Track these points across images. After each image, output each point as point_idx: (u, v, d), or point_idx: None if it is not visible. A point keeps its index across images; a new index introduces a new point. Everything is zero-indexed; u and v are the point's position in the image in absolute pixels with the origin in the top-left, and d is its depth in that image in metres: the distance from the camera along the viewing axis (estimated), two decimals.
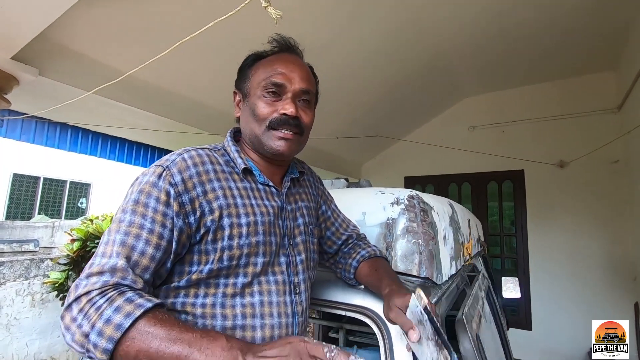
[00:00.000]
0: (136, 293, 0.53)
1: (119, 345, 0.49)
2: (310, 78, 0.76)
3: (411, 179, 4.60)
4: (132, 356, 0.49)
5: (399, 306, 0.62)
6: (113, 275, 0.54)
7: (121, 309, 0.50)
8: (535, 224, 3.77)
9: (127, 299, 0.51)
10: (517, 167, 3.86)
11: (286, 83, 0.71)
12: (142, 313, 0.50)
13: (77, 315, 0.51)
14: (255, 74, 0.74)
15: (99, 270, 0.54)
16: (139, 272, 0.57)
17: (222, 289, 0.64)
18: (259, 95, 0.71)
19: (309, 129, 0.76)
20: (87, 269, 0.55)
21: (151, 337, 0.49)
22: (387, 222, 0.90)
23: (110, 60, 1.93)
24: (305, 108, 0.75)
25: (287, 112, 0.70)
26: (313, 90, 0.76)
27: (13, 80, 1.63)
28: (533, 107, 3.84)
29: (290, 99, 0.71)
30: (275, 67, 0.72)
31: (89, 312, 0.50)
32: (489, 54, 3.24)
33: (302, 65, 0.76)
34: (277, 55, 0.76)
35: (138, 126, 2.83)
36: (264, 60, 0.75)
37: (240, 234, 0.64)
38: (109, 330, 0.49)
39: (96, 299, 0.51)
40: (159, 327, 0.50)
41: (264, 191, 0.73)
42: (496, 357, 0.99)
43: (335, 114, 3.46)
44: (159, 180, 0.62)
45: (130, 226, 0.58)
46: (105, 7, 1.65)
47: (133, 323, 0.49)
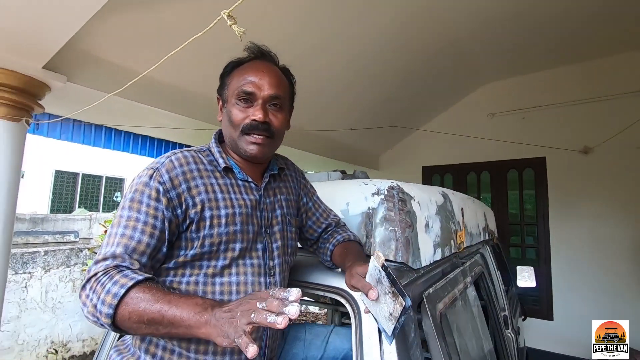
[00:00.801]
0: (132, 271, 0.65)
1: (117, 309, 0.60)
2: (280, 83, 0.83)
3: (429, 168, 4.57)
4: (127, 317, 0.60)
5: (360, 273, 0.69)
6: (114, 260, 0.66)
7: (118, 282, 0.62)
8: (557, 212, 3.66)
9: (123, 275, 0.63)
10: (539, 154, 3.75)
11: (256, 91, 0.79)
12: (134, 284, 0.61)
13: (88, 292, 0.64)
14: (231, 82, 0.82)
15: (104, 257, 0.66)
16: (136, 257, 0.68)
17: (205, 270, 0.75)
18: (233, 103, 0.80)
19: (280, 131, 0.84)
20: (96, 257, 0.68)
21: (139, 300, 0.60)
22: (367, 212, 0.97)
23: (130, 64, 2.08)
24: (276, 112, 0.82)
25: (256, 118, 0.78)
26: (283, 94, 0.83)
27: (45, 87, 1.80)
28: (555, 91, 3.70)
29: (260, 105, 0.79)
30: (246, 75, 0.80)
31: (96, 288, 0.63)
32: (507, 39, 3.14)
33: (272, 72, 0.83)
34: (250, 63, 0.84)
35: (161, 125, 3.01)
36: (238, 68, 0.84)
37: (219, 224, 0.75)
38: (109, 299, 0.60)
39: (101, 278, 0.64)
40: (146, 293, 0.61)
41: (243, 186, 0.82)
42: (473, 338, 1.04)
43: (350, 106, 3.50)
44: (150, 180, 0.72)
45: (128, 220, 0.70)
46: (122, 15, 1.79)
47: (127, 292, 0.61)
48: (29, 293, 3.22)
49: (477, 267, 1.36)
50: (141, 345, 0.75)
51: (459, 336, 0.89)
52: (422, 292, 0.86)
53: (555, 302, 3.60)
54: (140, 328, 0.61)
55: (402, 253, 0.89)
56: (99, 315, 0.61)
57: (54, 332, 3.36)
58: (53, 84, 1.80)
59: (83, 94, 2.04)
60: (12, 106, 1.63)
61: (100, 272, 0.64)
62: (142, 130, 3.87)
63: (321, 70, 2.80)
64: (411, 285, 0.84)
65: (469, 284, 1.14)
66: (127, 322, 0.61)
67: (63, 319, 3.42)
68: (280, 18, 2.19)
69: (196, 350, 0.73)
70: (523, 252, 3.99)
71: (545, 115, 3.78)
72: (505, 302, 2.00)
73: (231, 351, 0.75)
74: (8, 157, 1.63)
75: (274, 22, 2.19)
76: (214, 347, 0.73)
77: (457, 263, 1.26)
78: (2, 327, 2.95)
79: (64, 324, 3.43)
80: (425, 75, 3.49)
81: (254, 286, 0.77)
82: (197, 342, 0.73)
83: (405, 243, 0.90)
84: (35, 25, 1.39)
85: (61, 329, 3.41)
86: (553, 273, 3.63)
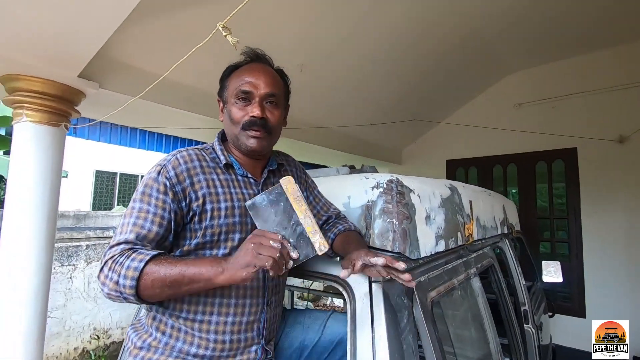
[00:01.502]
0: (145, 249, 0.75)
1: (139, 280, 0.70)
2: (275, 82, 0.90)
3: (453, 162, 4.49)
4: (149, 285, 0.71)
5: (364, 257, 0.74)
6: (127, 245, 0.75)
7: (135, 258, 0.72)
8: (589, 205, 3.49)
9: (138, 252, 0.73)
10: (569, 144, 3.59)
11: (253, 90, 0.86)
12: (150, 258, 0.72)
13: (108, 273, 0.73)
14: (229, 84, 0.90)
15: (118, 242, 0.76)
16: (146, 243, 0.77)
17: None
18: (232, 103, 0.88)
19: (276, 126, 0.91)
20: (110, 243, 0.77)
21: (159, 268, 0.71)
22: (367, 204, 1.01)
23: (155, 69, 2.22)
24: (272, 109, 0.89)
25: (254, 115, 0.85)
26: (278, 92, 0.90)
27: (81, 94, 1.96)
28: (586, 78, 3.52)
29: (257, 103, 0.86)
30: (243, 77, 0.87)
31: (115, 268, 0.72)
32: (531, 25, 3.02)
33: (267, 72, 0.90)
34: (247, 65, 0.91)
35: (187, 125, 3.16)
36: (236, 71, 0.91)
37: (219, 215, 0.82)
38: (130, 273, 0.70)
39: (118, 258, 0.73)
40: (163, 262, 0.72)
41: (242, 182, 0.89)
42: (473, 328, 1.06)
43: (369, 102, 3.51)
44: (158, 176, 0.81)
45: (139, 212, 0.79)
46: (146, 23, 1.91)
47: (145, 264, 0.71)
48: (74, 283, 3.51)
49: (486, 260, 1.36)
50: (153, 323, 0.86)
51: (454, 324, 0.91)
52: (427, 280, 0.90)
53: (587, 298, 3.45)
54: (163, 292, 0.72)
55: (399, 244, 0.93)
56: (122, 289, 0.71)
57: (96, 319, 3.65)
58: (87, 90, 1.96)
59: (114, 99, 2.20)
60: (51, 112, 1.80)
61: (116, 254, 0.74)
62: (171, 131, 4.07)
63: (339, 67, 2.83)
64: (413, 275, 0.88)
65: (472, 275, 1.15)
66: (150, 289, 0.71)
67: (104, 308, 3.70)
68: (296, 19, 2.24)
69: (199, 329, 0.82)
70: (553, 246, 3.84)
71: (575, 104, 3.61)
72: (526, 296, 1.96)
73: (231, 330, 0.83)
74: (50, 159, 1.80)
75: (290, 23, 2.25)
76: (215, 327, 0.82)
77: (464, 255, 1.27)
78: (51, 314, 3.24)
79: (105, 313, 3.71)
80: (446, 67, 3.43)
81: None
82: (200, 322, 0.82)
83: (402, 234, 0.93)
84: (69, 39, 1.53)
85: (102, 316, 3.69)
86: (585, 268, 3.48)
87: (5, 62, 1.59)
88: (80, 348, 3.48)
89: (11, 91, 1.74)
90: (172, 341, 0.82)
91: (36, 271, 1.72)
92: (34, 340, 1.71)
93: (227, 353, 0.84)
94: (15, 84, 1.70)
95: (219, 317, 0.83)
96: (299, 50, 2.50)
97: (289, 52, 2.45)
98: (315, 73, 2.77)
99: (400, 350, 0.75)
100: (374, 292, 0.79)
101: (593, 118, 3.50)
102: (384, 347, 0.73)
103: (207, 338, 0.82)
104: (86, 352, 3.51)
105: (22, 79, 1.69)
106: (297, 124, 3.12)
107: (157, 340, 0.83)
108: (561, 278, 2.53)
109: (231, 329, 0.83)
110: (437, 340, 0.77)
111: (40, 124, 1.76)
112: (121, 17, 1.41)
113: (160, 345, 0.83)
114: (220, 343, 0.83)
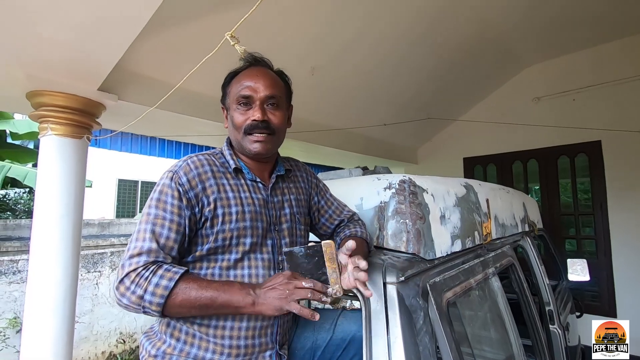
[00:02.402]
0: (171, 265, 0.76)
1: (167, 299, 0.72)
2: (274, 84, 0.90)
3: (470, 159, 4.40)
4: (177, 304, 0.73)
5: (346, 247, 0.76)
6: (149, 256, 0.76)
7: (164, 276, 0.73)
8: (616, 199, 3.35)
9: (166, 269, 0.74)
10: (593, 138, 3.46)
11: (252, 94, 0.87)
12: (180, 277, 0.73)
13: (130, 285, 0.73)
14: (230, 91, 0.91)
15: (139, 252, 0.76)
16: (167, 252, 0.78)
17: (219, 263, 0.84)
18: (234, 108, 0.89)
19: (280, 128, 0.91)
20: (127, 252, 0.77)
21: (189, 290, 0.73)
22: (380, 205, 1.00)
23: (169, 78, 2.27)
24: (274, 110, 0.90)
25: (255, 118, 0.86)
26: (278, 94, 0.91)
27: (101, 106, 2.04)
28: (608, 68, 3.39)
29: (258, 106, 0.87)
30: (242, 82, 0.88)
31: (139, 282, 0.73)
32: (547, 16, 2.94)
33: (266, 75, 0.90)
34: (246, 70, 0.92)
35: (202, 132, 3.23)
36: (236, 77, 0.92)
37: (230, 220, 0.83)
38: (160, 291, 0.71)
39: (142, 272, 0.74)
40: (193, 283, 0.74)
41: (251, 186, 0.90)
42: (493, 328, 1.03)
43: (382, 101, 3.49)
44: (171, 182, 0.82)
45: (156, 218, 0.79)
46: (159, 36, 1.97)
47: (175, 284, 0.72)
48: (100, 289, 3.63)
49: (506, 259, 1.33)
50: (167, 330, 0.86)
51: (472, 325, 0.89)
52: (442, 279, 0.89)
53: (618, 297, 3.31)
54: (189, 312, 0.75)
55: (413, 244, 0.92)
56: (147, 304, 0.72)
57: (122, 324, 3.75)
58: (107, 102, 2.03)
59: (132, 109, 2.27)
60: (74, 125, 1.87)
61: (140, 267, 0.74)
62: (187, 138, 4.16)
63: (350, 67, 2.83)
64: (421, 275, 0.87)
65: (490, 275, 1.12)
66: (177, 308, 0.73)
67: (128, 313, 3.80)
68: (304, 21, 2.26)
69: (214, 335, 0.83)
70: (579, 244, 3.70)
71: (598, 96, 3.48)
72: (550, 296, 1.90)
73: (245, 335, 0.84)
74: (74, 170, 1.88)
75: (298, 26, 2.26)
76: (229, 332, 0.83)
77: (482, 254, 1.25)
78: (79, 319, 3.36)
79: (130, 317, 3.81)
80: (460, 63, 3.37)
81: (264, 278, 0.85)
82: (214, 328, 0.83)
83: (416, 235, 0.93)
84: (89, 55, 1.60)
85: (127, 321, 3.80)
86: (614, 266, 3.34)
87: (31, 79, 1.67)
88: (107, 352, 3.59)
89: (37, 106, 1.83)
90: (187, 347, 0.83)
91: (64, 277, 1.79)
92: (63, 344, 1.78)
93: (241, 358, 0.84)
94: (40, 99, 1.78)
95: (233, 322, 0.83)
96: (309, 53, 2.51)
97: (299, 55, 2.47)
98: (327, 75, 2.77)
99: (417, 352, 0.74)
100: (388, 294, 0.78)
101: (617, 109, 3.36)
102: (399, 349, 0.72)
103: (222, 344, 0.82)
104: (113, 355, 3.61)
105: (46, 94, 1.77)
106: (310, 127, 3.13)
107: (172, 347, 0.84)
108: (588, 276, 2.44)
109: (245, 334, 0.84)
110: (454, 341, 0.75)
111: (64, 137, 1.83)
112: (135, 32, 1.46)
113: (175, 352, 0.83)
114: (235, 348, 0.83)
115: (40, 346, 1.72)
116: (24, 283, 3.18)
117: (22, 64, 1.58)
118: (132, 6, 1.27)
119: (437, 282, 0.84)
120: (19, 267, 3.21)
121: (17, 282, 3.18)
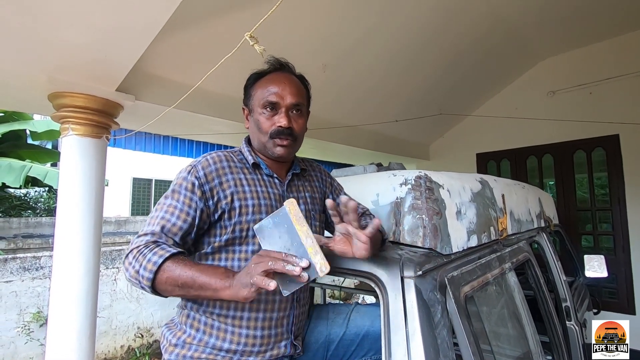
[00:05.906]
0: (168, 245, 0.80)
1: (156, 274, 0.75)
2: (299, 92, 0.93)
3: (484, 155, 4.36)
4: (163, 281, 0.75)
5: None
6: (153, 237, 0.81)
7: (157, 253, 0.76)
8: (635, 194, 3.28)
9: (160, 248, 0.78)
10: (610, 131, 3.39)
11: (279, 100, 0.90)
12: (169, 255, 0.76)
13: (131, 260, 0.78)
14: (255, 94, 0.94)
15: (145, 233, 0.82)
16: (170, 236, 0.83)
17: (238, 255, 0.88)
18: (259, 112, 0.92)
19: (301, 134, 0.95)
20: (139, 233, 0.83)
21: (174, 268, 0.75)
22: (396, 201, 1.02)
23: (187, 79, 2.32)
24: (297, 117, 0.94)
25: (282, 125, 0.90)
26: (302, 101, 0.94)
27: (119, 106, 2.09)
28: (625, 61, 3.31)
29: (284, 113, 0.90)
30: (269, 87, 0.91)
31: (138, 257, 0.77)
32: (562, 7, 2.88)
33: (292, 82, 0.93)
34: (271, 74, 0.94)
35: (216, 131, 3.27)
36: (261, 80, 0.95)
37: (247, 212, 0.87)
38: (150, 266, 0.75)
39: (142, 249, 0.78)
40: (180, 262, 0.76)
41: (268, 181, 0.94)
42: (510, 323, 1.03)
43: (394, 97, 3.47)
44: (188, 175, 0.87)
45: (168, 207, 0.85)
46: (176, 36, 2.00)
47: (164, 261, 0.75)
48: (118, 285, 3.72)
49: (522, 254, 1.32)
50: (186, 321, 0.91)
51: (489, 319, 0.90)
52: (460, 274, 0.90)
53: (637, 294, 3.24)
54: (174, 290, 0.76)
55: (429, 239, 0.93)
56: (141, 278, 0.76)
57: (139, 319, 3.85)
58: (125, 103, 2.08)
59: (149, 110, 2.32)
60: (94, 125, 1.93)
61: (141, 245, 0.79)
62: (201, 137, 4.22)
63: (362, 63, 2.83)
64: (438, 269, 0.88)
65: (507, 270, 1.12)
66: (163, 284, 0.75)
67: (146, 308, 3.89)
68: (316, 18, 2.27)
69: (232, 325, 0.86)
70: (596, 240, 3.64)
71: (615, 89, 3.40)
72: (567, 292, 1.89)
73: (262, 326, 0.87)
74: (94, 169, 1.93)
75: (310, 23, 2.27)
76: (247, 322, 0.86)
77: (498, 250, 1.25)
78: (99, 313, 3.46)
79: (147, 312, 3.90)
80: (473, 59, 3.33)
81: None
82: (232, 318, 0.86)
83: (432, 230, 0.94)
84: (107, 57, 1.64)
85: (145, 316, 3.89)
86: (633, 262, 3.27)
87: (53, 82, 1.72)
88: (126, 346, 3.69)
89: (58, 107, 1.89)
90: (205, 337, 0.87)
91: (86, 273, 1.85)
92: (86, 338, 1.84)
93: (258, 348, 0.87)
94: (61, 100, 1.84)
95: (250, 312, 0.87)
96: (321, 50, 2.52)
97: (311, 52, 2.48)
98: (338, 71, 2.78)
99: (435, 345, 0.75)
100: (405, 287, 0.80)
101: (636, 102, 3.28)
102: (418, 342, 0.74)
103: (240, 333, 0.86)
104: (131, 349, 3.71)
105: (67, 95, 1.82)
106: (322, 124, 3.14)
107: (191, 337, 0.88)
108: (606, 273, 2.40)
109: (262, 324, 0.87)
110: (473, 335, 0.76)
111: (84, 137, 1.89)
112: (152, 35, 1.50)
113: (194, 342, 0.87)
114: (252, 338, 0.87)
115: (65, 339, 1.78)
116: (47, 279, 3.29)
117: (44, 67, 1.63)
118: (149, 11, 1.30)
119: (454, 277, 0.85)
120: (41, 264, 3.32)
121: (40, 278, 3.29)
